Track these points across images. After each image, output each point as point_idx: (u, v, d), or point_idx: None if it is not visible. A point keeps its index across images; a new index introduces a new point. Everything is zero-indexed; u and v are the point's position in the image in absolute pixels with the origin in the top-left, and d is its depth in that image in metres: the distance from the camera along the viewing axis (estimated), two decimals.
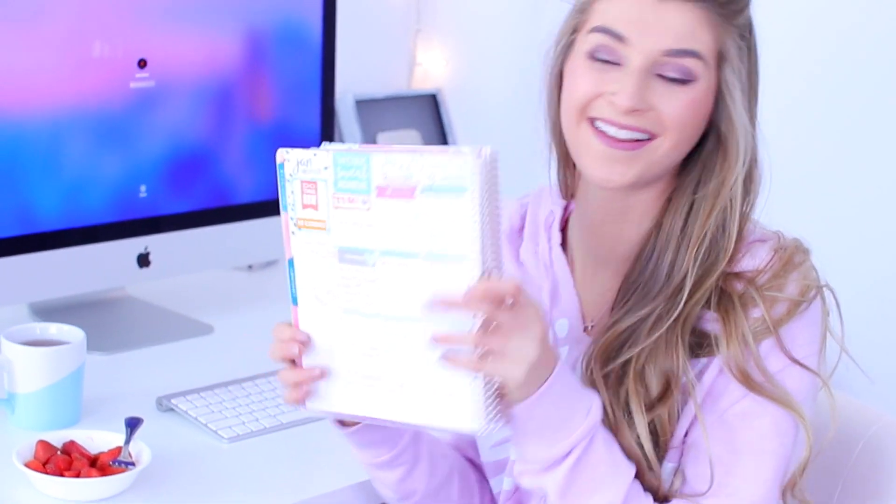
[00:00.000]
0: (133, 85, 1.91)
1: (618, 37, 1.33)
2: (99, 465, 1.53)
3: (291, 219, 1.28)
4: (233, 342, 1.98)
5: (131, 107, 1.92)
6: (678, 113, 1.34)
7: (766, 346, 1.35)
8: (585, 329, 1.44)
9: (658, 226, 1.40)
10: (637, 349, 1.36)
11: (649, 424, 1.35)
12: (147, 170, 1.95)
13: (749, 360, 1.34)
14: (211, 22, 1.98)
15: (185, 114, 1.97)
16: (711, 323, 1.36)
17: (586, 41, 1.36)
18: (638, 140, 1.34)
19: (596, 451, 1.30)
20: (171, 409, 1.71)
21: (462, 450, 1.55)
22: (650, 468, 1.35)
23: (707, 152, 1.39)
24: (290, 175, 1.27)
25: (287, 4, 2.05)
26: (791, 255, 1.38)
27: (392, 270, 1.24)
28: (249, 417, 1.71)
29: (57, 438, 1.56)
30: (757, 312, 1.35)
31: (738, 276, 1.37)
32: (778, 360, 1.35)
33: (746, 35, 1.37)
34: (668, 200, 1.40)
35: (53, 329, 1.70)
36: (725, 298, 1.36)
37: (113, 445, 1.56)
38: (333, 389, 1.31)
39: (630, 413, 1.35)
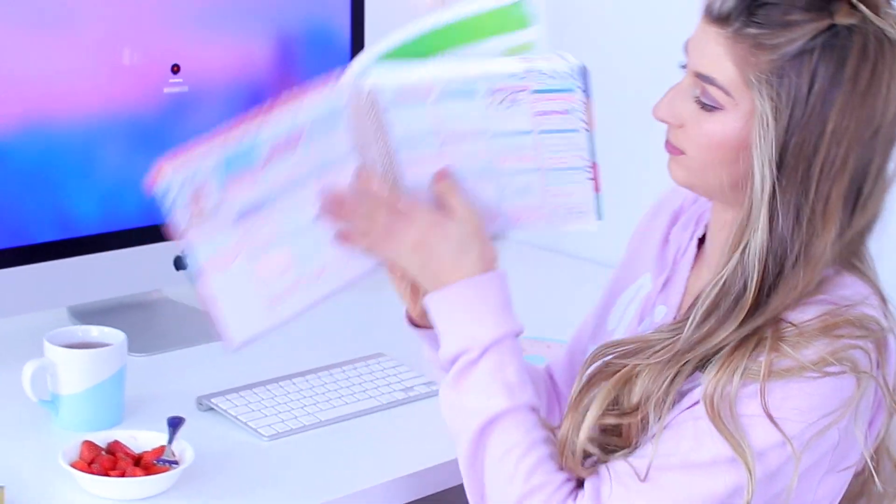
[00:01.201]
0: (167, 90, 1.94)
1: (685, 51, 1.37)
2: (143, 464, 1.56)
3: (184, 220, 1.34)
4: (269, 341, 1.97)
5: (165, 112, 1.94)
6: (696, 137, 1.36)
7: (750, 390, 1.30)
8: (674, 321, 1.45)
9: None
10: (643, 362, 1.36)
11: (605, 427, 1.35)
12: None
13: (726, 396, 1.30)
14: (241, 26, 2.00)
15: (219, 117, 1.97)
16: None
17: None
18: (675, 147, 1.39)
19: (480, 369, 1.38)
20: (212, 409, 1.74)
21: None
22: (573, 454, 1.36)
23: None
24: (174, 199, 1.33)
25: (316, 8, 2.08)
26: (835, 325, 1.31)
27: (287, 199, 1.39)
28: (288, 415, 1.73)
29: (101, 439, 1.58)
30: (761, 357, 1.31)
31: (777, 321, 1.32)
32: (755, 405, 1.30)
33: (785, 73, 1.29)
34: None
35: (95, 331, 1.72)
36: (750, 334, 1.33)
37: (156, 445, 1.58)
38: (256, 317, 1.44)
39: (587, 410, 1.36)
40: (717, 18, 1.32)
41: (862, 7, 1.30)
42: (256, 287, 1.43)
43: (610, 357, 1.39)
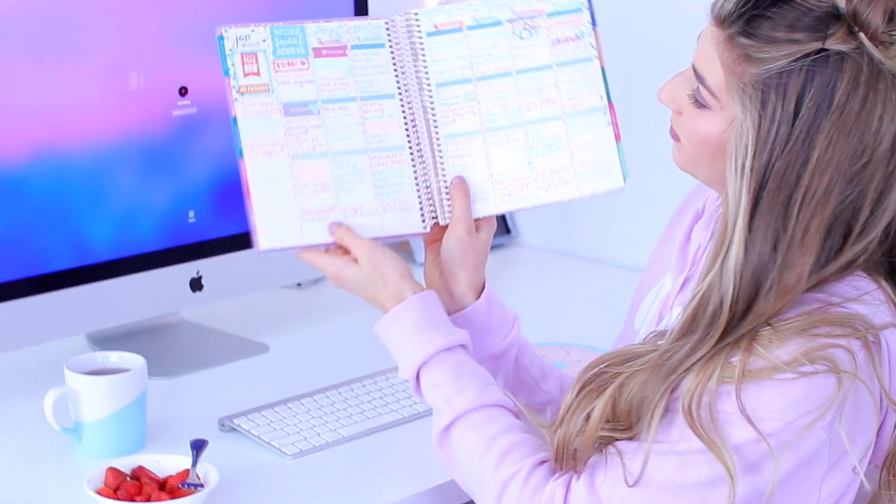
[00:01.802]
0: (176, 113, 1.94)
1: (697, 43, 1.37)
2: (168, 488, 1.56)
3: (233, 86, 1.50)
4: (288, 359, 2.01)
5: (175, 134, 1.94)
6: (687, 129, 1.38)
7: (726, 390, 1.29)
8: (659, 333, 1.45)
9: None
10: (630, 372, 1.36)
11: (601, 438, 1.36)
12: (194, 195, 1.98)
13: (704, 396, 1.29)
14: None
15: (228, 138, 1.97)
16: None
17: None
18: (674, 132, 1.41)
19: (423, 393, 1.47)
20: (234, 429, 1.74)
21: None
22: (572, 459, 1.37)
23: None
24: (230, 50, 1.50)
25: None
26: (812, 324, 1.29)
27: (335, 114, 1.51)
28: (311, 433, 1.73)
29: (125, 464, 1.58)
30: (735, 358, 1.30)
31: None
32: (731, 404, 1.29)
33: (769, 91, 1.28)
34: None
35: (114, 357, 1.73)
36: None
37: (180, 468, 1.58)
38: (286, 227, 1.51)
39: (588, 420, 1.36)
40: (717, 19, 1.32)
41: (861, 35, 1.27)
42: (294, 191, 1.51)
43: (600, 369, 1.39)
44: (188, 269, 1.99)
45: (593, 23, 1.54)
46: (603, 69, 1.55)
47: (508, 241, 2.57)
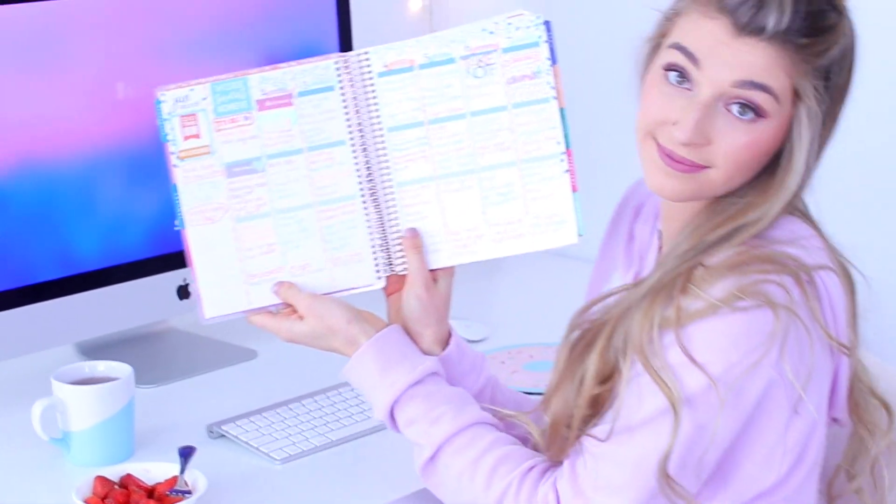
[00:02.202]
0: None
1: (692, 58, 1.35)
2: (156, 496, 1.56)
3: (173, 152, 1.48)
4: (276, 365, 2.01)
5: (159, 143, 1.94)
6: (734, 151, 1.35)
7: (670, 339, 1.33)
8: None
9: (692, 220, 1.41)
10: (613, 314, 1.38)
11: (596, 396, 1.38)
12: None
13: (652, 346, 1.32)
14: (229, 53, 2.00)
15: None
16: None
17: (665, 54, 1.38)
18: (694, 164, 1.37)
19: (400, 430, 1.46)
20: (223, 436, 1.74)
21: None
22: (567, 437, 1.39)
23: (763, 175, 1.38)
24: (169, 114, 1.47)
25: (303, 31, 2.08)
26: (742, 262, 1.33)
27: (281, 169, 1.48)
28: (299, 437, 1.73)
29: (113, 473, 1.59)
30: (673, 301, 1.34)
31: (693, 265, 1.36)
32: (676, 353, 1.32)
33: (831, 75, 1.35)
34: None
35: (102, 366, 1.73)
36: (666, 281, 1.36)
37: (169, 476, 1.59)
38: (232, 293, 1.50)
39: (583, 381, 1.38)
40: (774, 34, 1.32)
41: None
42: (238, 255, 1.49)
43: (582, 330, 1.42)
44: (175, 277, 2.00)
45: (552, 59, 1.45)
46: (562, 110, 1.45)
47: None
